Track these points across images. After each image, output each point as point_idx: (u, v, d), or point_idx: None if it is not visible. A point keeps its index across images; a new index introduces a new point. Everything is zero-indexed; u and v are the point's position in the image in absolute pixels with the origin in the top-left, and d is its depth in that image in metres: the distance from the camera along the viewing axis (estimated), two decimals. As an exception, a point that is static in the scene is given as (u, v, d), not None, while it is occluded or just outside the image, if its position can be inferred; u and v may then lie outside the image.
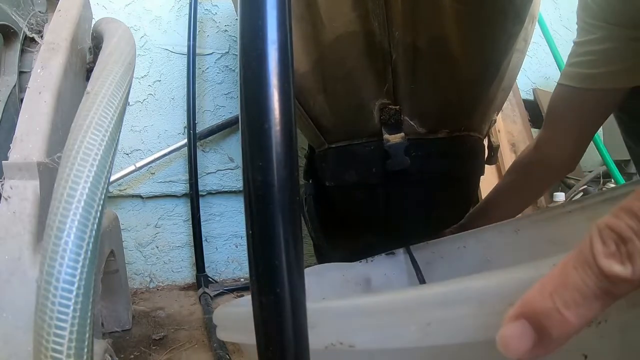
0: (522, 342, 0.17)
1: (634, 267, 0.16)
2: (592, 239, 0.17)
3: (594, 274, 0.16)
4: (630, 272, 0.16)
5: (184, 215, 1.23)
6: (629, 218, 0.16)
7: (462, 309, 0.22)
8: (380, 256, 0.67)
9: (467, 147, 0.70)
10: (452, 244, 0.63)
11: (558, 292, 0.17)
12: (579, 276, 0.17)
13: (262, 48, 0.21)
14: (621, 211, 0.16)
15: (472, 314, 0.21)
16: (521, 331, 0.17)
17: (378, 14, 0.58)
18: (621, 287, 0.16)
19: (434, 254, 0.64)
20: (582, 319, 0.17)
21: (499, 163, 1.25)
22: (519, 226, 0.56)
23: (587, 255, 0.17)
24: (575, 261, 0.17)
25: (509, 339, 0.18)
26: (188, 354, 0.77)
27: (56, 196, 0.31)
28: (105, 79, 0.41)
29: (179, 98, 1.21)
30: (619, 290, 0.16)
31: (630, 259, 0.16)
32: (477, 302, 0.21)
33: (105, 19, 0.62)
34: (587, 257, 0.17)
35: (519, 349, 0.18)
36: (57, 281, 0.28)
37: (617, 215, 0.17)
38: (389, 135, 0.63)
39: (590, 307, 0.17)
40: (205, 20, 1.24)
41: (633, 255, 0.16)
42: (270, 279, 0.21)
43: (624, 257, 0.16)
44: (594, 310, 0.17)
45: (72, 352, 0.28)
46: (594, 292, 0.16)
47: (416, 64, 0.61)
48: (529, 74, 1.65)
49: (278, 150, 0.21)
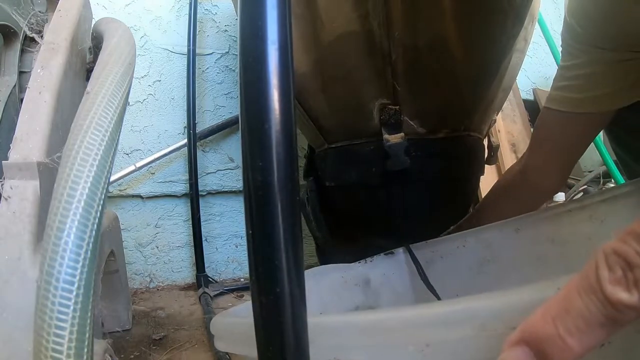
0: None
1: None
2: (598, 264, 0.16)
3: (599, 300, 0.16)
4: (637, 299, 0.15)
5: (184, 215, 1.23)
6: (637, 243, 0.15)
7: (462, 331, 0.21)
8: (379, 256, 0.67)
9: (467, 147, 0.70)
10: (452, 243, 0.63)
11: (561, 318, 0.16)
12: (583, 302, 0.16)
13: (262, 48, 0.21)
14: (628, 235, 0.16)
15: (472, 335, 0.21)
16: (522, 357, 0.17)
17: (378, 14, 0.58)
18: (627, 314, 0.15)
19: (433, 253, 0.64)
20: (584, 347, 0.16)
21: (499, 163, 1.25)
22: (520, 225, 0.56)
23: (592, 281, 0.16)
24: (580, 286, 0.16)
25: None
26: (188, 354, 0.77)
27: (56, 196, 0.31)
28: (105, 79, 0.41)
29: (179, 98, 1.21)
30: (625, 317, 0.16)
31: (637, 285, 0.15)
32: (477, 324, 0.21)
33: (105, 19, 0.62)
34: (592, 282, 0.16)
35: None
36: (57, 281, 0.28)
37: (624, 240, 0.16)
38: (389, 135, 0.63)
39: (594, 335, 0.16)
40: (205, 20, 1.24)
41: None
42: (270, 279, 0.21)
43: (630, 284, 0.15)
44: (598, 338, 0.16)
45: (72, 352, 0.28)
46: (598, 320, 0.16)
47: (416, 64, 0.61)
48: (529, 74, 1.64)
49: (278, 150, 0.21)
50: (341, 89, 0.66)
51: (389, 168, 0.63)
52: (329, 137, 0.72)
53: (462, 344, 0.21)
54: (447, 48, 0.61)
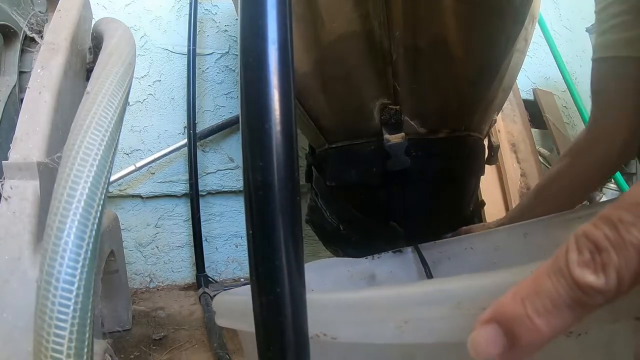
0: (492, 347, 0.17)
1: (607, 278, 0.15)
2: (568, 247, 0.16)
3: (566, 282, 0.16)
4: (603, 282, 0.15)
5: (184, 215, 1.23)
6: (608, 228, 0.16)
7: (439, 309, 0.22)
8: (387, 253, 0.67)
9: (467, 147, 0.70)
10: (459, 244, 0.63)
11: (530, 299, 0.17)
12: (551, 284, 0.16)
13: (262, 48, 0.21)
14: (600, 220, 0.16)
15: (448, 314, 0.22)
16: (492, 335, 0.17)
17: (379, 14, 0.58)
18: (594, 298, 0.16)
19: (441, 253, 0.64)
20: (552, 328, 0.16)
21: (499, 163, 1.25)
22: (528, 230, 0.55)
23: (561, 264, 0.16)
24: (550, 269, 0.17)
25: (479, 342, 0.18)
26: (188, 354, 0.77)
27: (56, 196, 0.31)
28: (105, 79, 0.41)
29: (179, 98, 1.21)
30: (592, 301, 0.16)
31: (604, 269, 0.15)
32: (453, 304, 0.21)
33: (105, 19, 0.62)
34: (562, 265, 0.16)
35: (489, 353, 0.17)
36: (57, 281, 0.28)
37: (596, 224, 0.16)
38: (390, 135, 0.63)
39: (562, 317, 0.16)
40: (205, 20, 1.24)
41: (607, 266, 0.15)
42: (270, 279, 0.21)
43: (598, 267, 0.15)
44: (566, 321, 0.16)
45: (72, 352, 0.28)
46: (566, 302, 0.16)
47: (417, 64, 0.61)
48: (529, 74, 1.64)
49: (278, 150, 0.21)
50: (342, 89, 0.66)
51: (390, 168, 0.63)
52: (330, 137, 0.72)
53: (439, 322, 0.22)
54: (447, 48, 0.61)
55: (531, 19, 0.67)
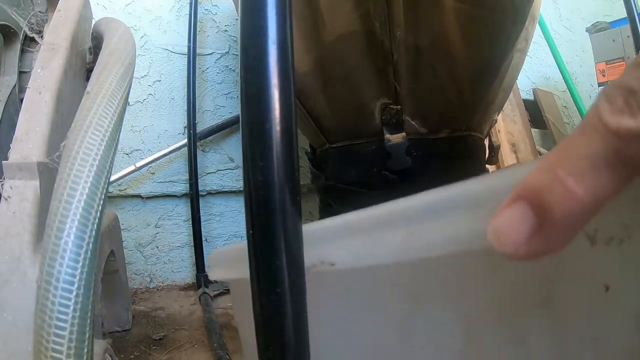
0: (518, 229, 0.14)
1: None
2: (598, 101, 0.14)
3: (600, 135, 0.13)
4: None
5: (184, 215, 1.23)
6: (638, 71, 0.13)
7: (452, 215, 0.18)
8: None
9: (467, 147, 0.70)
10: None
11: (561, 164, 0.14)
12: (584, 142, 0.13)
13: (262, 48, 0.21)
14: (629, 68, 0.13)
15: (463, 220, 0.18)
16: (517, 214, 0.14)
17: (379, 14, 0.58)
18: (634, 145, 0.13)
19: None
20: (590, 192, 0.13)
21: (499, 163, 1.25)
22: None
23: (592, 118, 0.14)
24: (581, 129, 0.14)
25: (501, 227, 0.14)
26: (188, 354, 0.77)
27: (56, 196, 0.31)
28: (105, 79, 0.41)
29: (179, 98, 1.21)
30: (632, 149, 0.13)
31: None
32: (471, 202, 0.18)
33: (105, 19, 0.62)
34: (593, 119, 0.13)
35: (515, 238, 0.14)
36: (57, 281, 0.28)
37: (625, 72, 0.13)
38: (390, 135, 0.63)
39: (601, 177, 0.13)
40: (205, 20, 1.24)
41: None
42: (270, 279, 0.21)
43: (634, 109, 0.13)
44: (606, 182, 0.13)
45: (72, 352, 0.28)
46: (603, 157, 0.13)
47: (417, 64, 0.61)
48: (529, 74, 1.64)
49: (278, 150, 0.21)
50: (342, 89, 0.66)
51: (390, 168, 0.63)
52: (330, 137, 0.72)
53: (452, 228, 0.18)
54: (448, 48, 0.61)
55: (532, 19, 0.67)
